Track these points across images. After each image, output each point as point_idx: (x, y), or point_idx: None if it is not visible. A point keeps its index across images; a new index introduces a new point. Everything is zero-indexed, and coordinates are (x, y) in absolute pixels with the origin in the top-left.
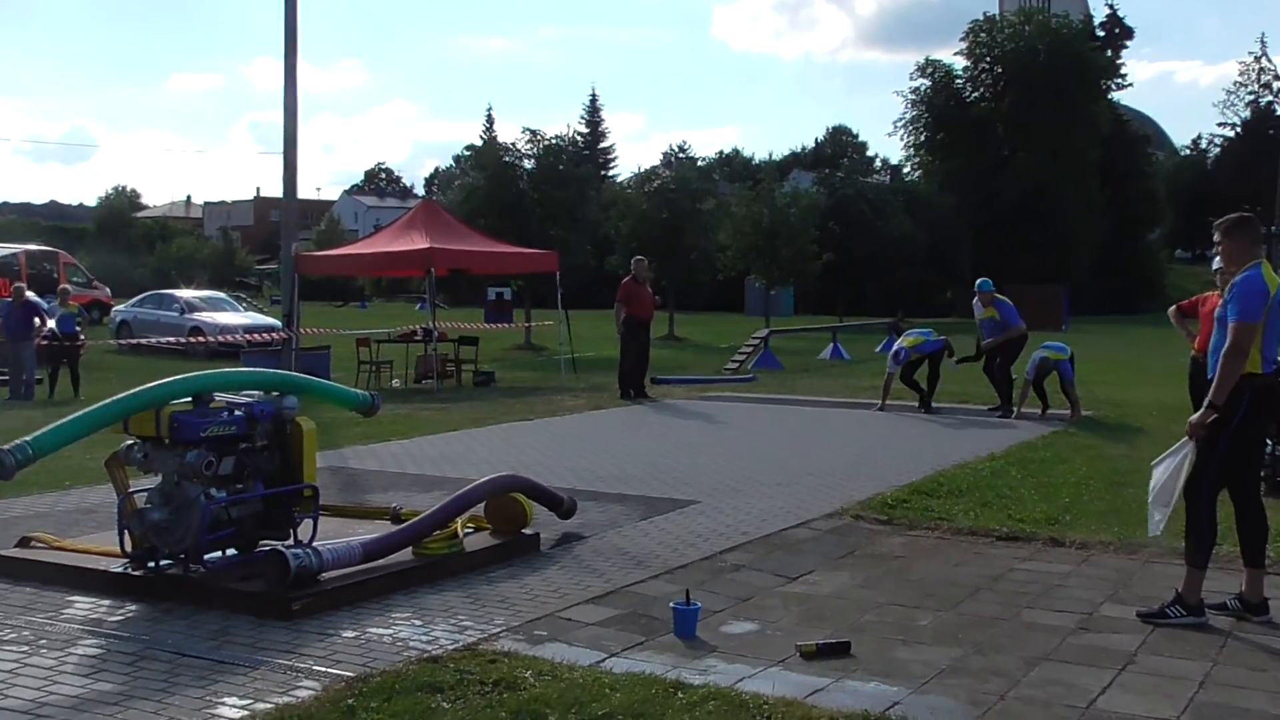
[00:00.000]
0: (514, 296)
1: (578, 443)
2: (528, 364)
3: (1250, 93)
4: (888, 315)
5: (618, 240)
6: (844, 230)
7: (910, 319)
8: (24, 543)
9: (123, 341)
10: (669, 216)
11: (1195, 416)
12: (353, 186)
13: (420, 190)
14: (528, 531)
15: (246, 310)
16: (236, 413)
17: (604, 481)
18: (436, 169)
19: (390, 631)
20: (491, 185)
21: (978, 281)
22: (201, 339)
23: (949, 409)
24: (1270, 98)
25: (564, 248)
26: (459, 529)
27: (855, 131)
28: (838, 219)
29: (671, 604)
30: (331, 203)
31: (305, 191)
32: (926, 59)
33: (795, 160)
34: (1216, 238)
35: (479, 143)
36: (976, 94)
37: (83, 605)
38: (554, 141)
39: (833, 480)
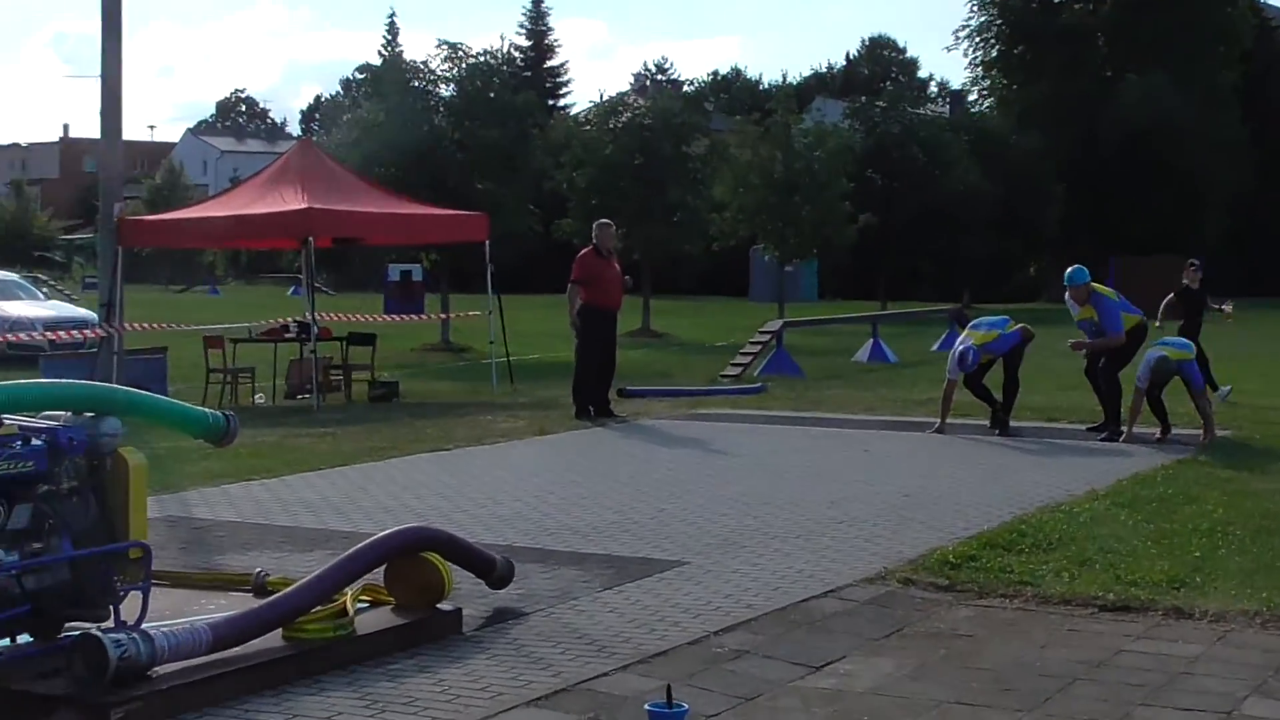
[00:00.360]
0: (426, 277)
1: (517, 481)
2: (446, 371)
3: None
4: (949, 301)
5: (573, 197)
6: (888, 182)
7: (978, 306)
8: None
9: None
10: (643, 163)
11: None
12: (201, 123)
13: (295, 129)
14: (445, 606)
15: (48, 298)
16: (34, 442)
17: (553, 535)
18: (318, 98)
19: None
20: (395, 121)
21: (1067, 272)
22: None
23: (1034, 428)
24: None
25: (496, 208)
26: (349, 604)
27: (902, 44)
28: (879, 166)
29: (647, 706)
30: (171, 146)
31: (134, 131)
32: None
33: (820, 84)
34: None
35: (377, 62)
36: None
37: None
38: (482, 60)
39: (873, 530)
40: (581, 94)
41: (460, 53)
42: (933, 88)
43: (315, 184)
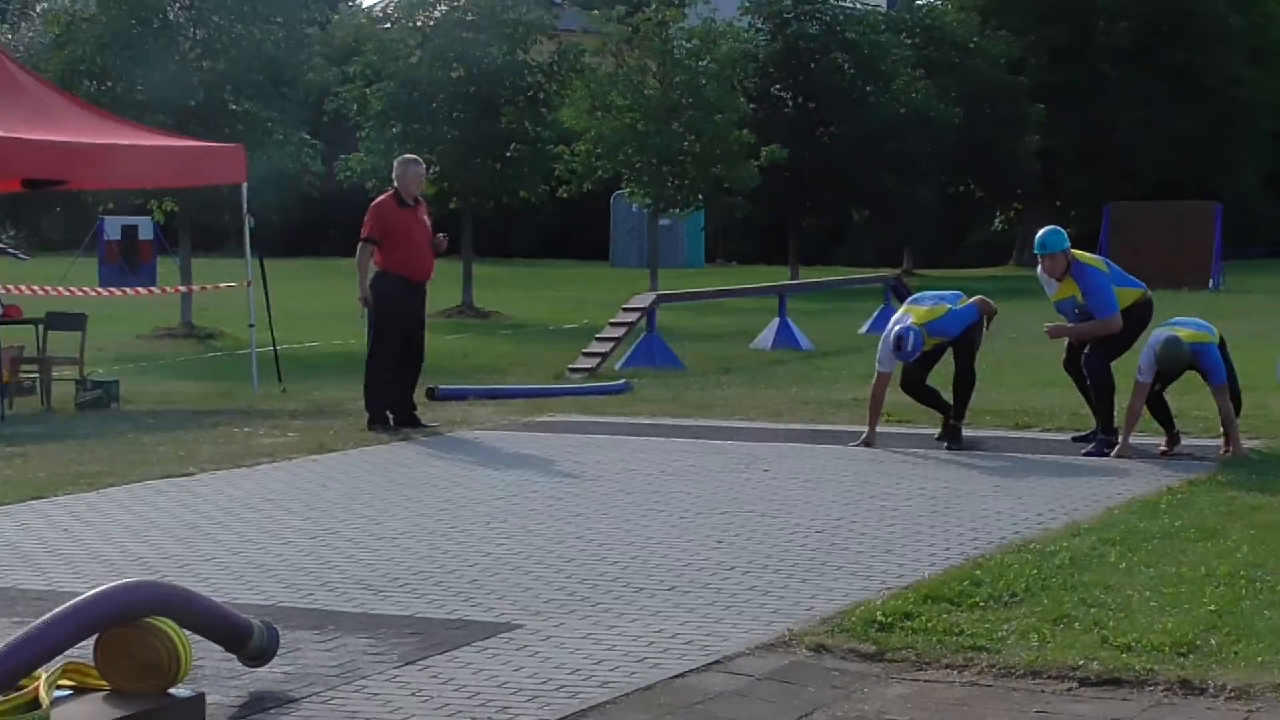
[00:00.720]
0: (158, 234)
1: (285, 518)
2: (187, 366)
3: None
4: (885, 266)
5: (366, 123)
6: (803, 103)
7: (924, 273)
8: None
9: None
10: (464, 76)
11: None
12: None
13: None
14: (181, 691)
15: None
16: None
17: (335, 591)
18: None
19: None
20: (112, 13)
21: (1038, 236)
22: None
23: (997, 439)
24: None
25: (257, 138)
26: (42, 691)
27: None
28: (791, 81)
29: None
30: None
31: None
32: None
33: None
34: None
35: None
36: None
37: None
38: None
39: (775, 579)
40: None
41: None
42: None
43: None
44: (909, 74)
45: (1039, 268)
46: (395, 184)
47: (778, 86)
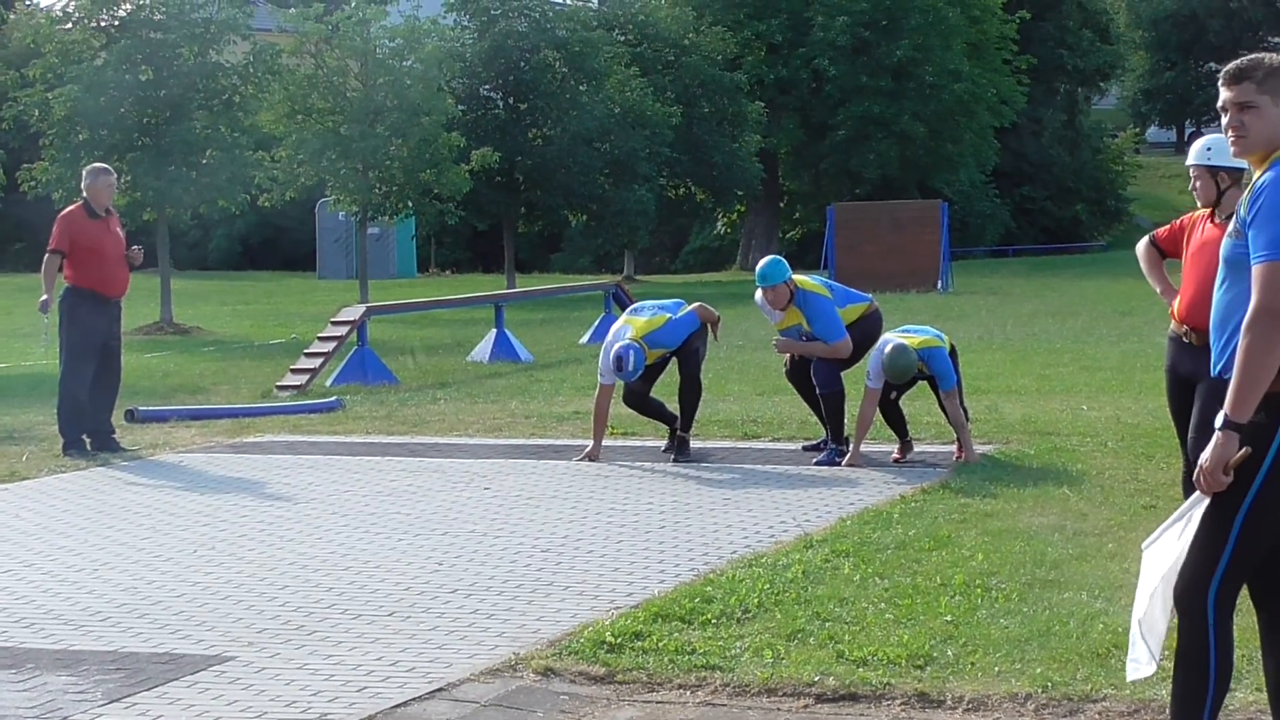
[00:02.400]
0: None
1: None
2: None
3: None
4: (606, 273)
5: (49, 133)
6: (514, 103)
7: (647, 279)
8: None
9: None
10: (154, 79)
11: (1208, 453)
12: None
13: None
14: None
15: None
16: None
17: (31, 627)
18: None
19: None
20: None
21: (759, 268)
22: None
23: (725, 449)
24: None
25: None
26: None
27: None
28: (500, 81)
29: None
30: None
31: None
32: None
33: None
34: (1224, 97)
35: None
36: None
37: None
38: None
39: (498, 603)
40: None
41: None
42: None
43: None
44: (623, 72)
45: (758, 295)
46: (85, 194)
47: (487, 87)
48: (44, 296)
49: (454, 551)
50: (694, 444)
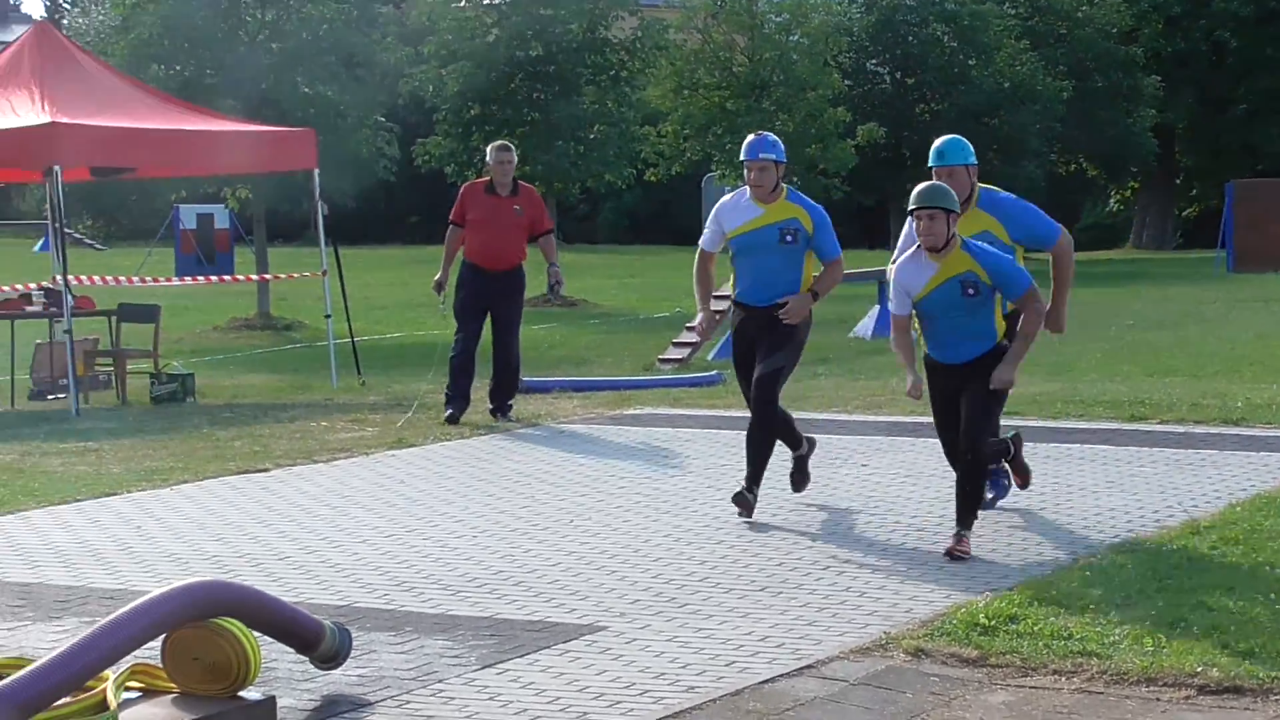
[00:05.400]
0: (234, 223)
1: (359, 516)
2: (263, 358)
3: None
4: None
5: (442, 108)
6: (901, 78)
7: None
8: None
9: None
10: (543, 55)
11: None
12: None
13: (34, 9)
14: (251, 695)
15: None
16: None
17: (412, 591)
18: None
19: None
20: None
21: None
22: None
23: (1109, 430)
24: None
25: (330, 122)
26: (110, 694)
27: None
28: (888, 55)
29: None
30: None
31: None
32: None
33: None
34: None
35: None
36: None
37: None
38: None
39: (872, 580)
40: None
41: None
42: None
43: (62, 88)
44: (1013, 46)
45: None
46: (490, 169)
47: (874, 61)
48: (438, 275)
49: (827, 528)
50: (1078, 424)
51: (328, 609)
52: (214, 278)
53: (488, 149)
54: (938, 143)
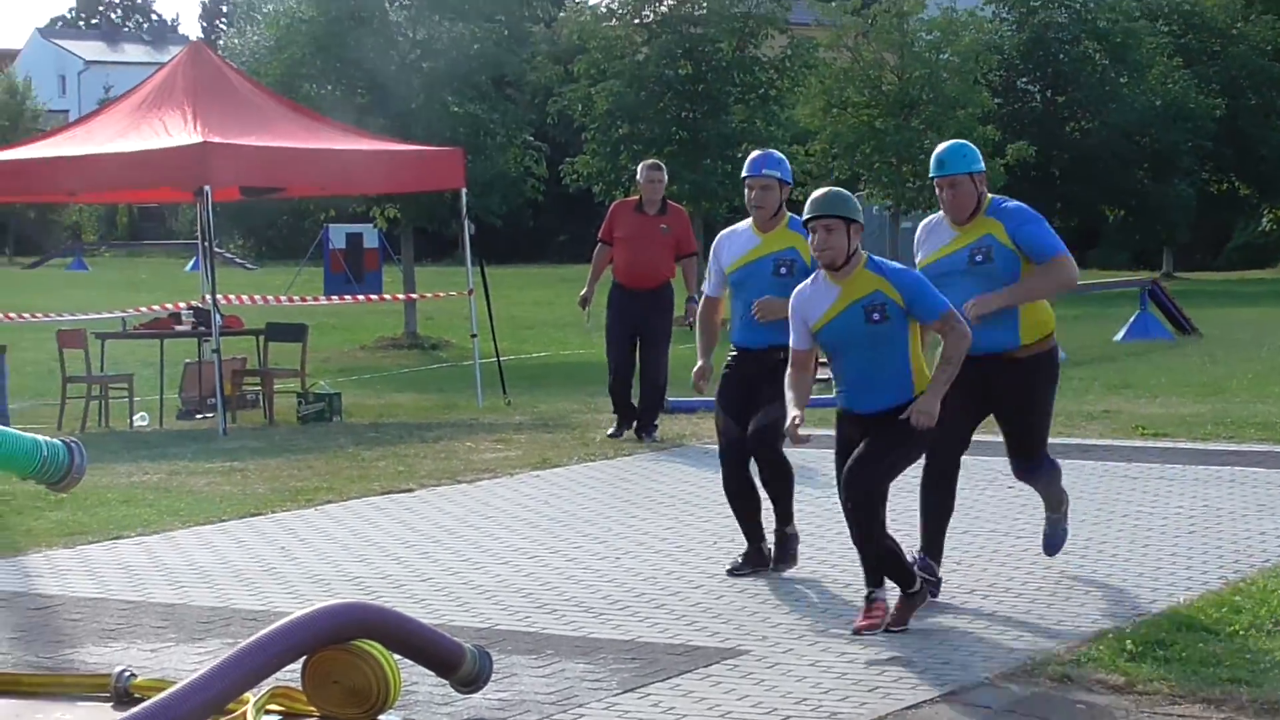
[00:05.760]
0: (382, 242)
1: (502, 536)
2: (409, 377)
3: None
4: (1140, 269)
5: (590, 127)
6: (1051, 96)
7: (1183, 275)
8: None
9: None
10: (692, 74)
11: None
12: (56, 22)
13: (191, 29)
14: (390, 719)
15: None
16: None
17: (553, 614)
18: None
19: None
20: (330, 16)
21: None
22: None
23: (1261, 453)
24: None
25: (479, 141)
26: (250, 715)
27: None
28: (1038, 74)
29: None
30: (14, 54)
31: None
32: None
33: None
34: None
35: None
36: None
37: None
38: None
39: (1017, 604)
40: None
41: None
42: None
43: (214, 108)
44: (1165, 63)
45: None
46: (640, 187)
47: (1024, 79)
48: (584, 291)
49: (973, 551)
50: (1222, 446)
51: (468, 631)
52: (361, 297)
53: (639, 167)
54: (938, 150)
